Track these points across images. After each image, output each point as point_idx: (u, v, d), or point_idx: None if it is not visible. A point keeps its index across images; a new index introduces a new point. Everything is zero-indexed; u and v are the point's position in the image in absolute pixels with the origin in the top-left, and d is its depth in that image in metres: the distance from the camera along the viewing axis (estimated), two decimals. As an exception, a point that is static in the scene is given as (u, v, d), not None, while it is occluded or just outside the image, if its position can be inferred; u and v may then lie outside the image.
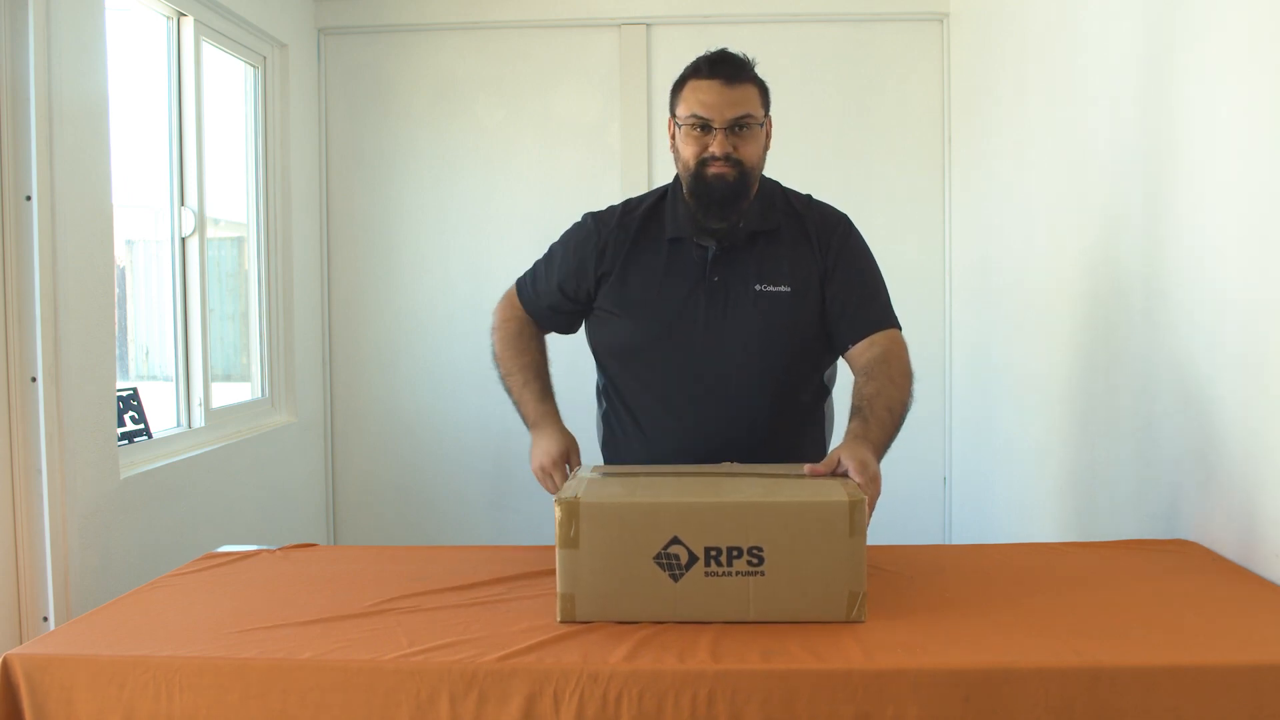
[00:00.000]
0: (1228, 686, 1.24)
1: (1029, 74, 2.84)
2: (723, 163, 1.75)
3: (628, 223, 1.87)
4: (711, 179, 1.76)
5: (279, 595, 1.59)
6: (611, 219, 1.90)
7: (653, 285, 1.83)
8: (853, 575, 1.40)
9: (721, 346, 1.80)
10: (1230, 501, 1.73)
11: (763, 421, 1.81)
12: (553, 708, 1.26)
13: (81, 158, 2.28)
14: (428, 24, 3.79)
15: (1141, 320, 2.09)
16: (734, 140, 1.75)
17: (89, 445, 2.30)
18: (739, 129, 1.75)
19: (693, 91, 1.76)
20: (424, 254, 3.85)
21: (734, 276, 1.81)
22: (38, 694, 1.33)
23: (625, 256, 1.86)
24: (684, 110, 1.77)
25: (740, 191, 1.77)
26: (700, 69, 1.77)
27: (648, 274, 1.84)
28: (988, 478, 3.31)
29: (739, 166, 1.76)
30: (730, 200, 1.76)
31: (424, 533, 3.85)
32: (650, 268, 1.84)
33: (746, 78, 1.77)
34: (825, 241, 1.84)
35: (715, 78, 1.74)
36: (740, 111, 1.74)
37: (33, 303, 2.14)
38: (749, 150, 1.77)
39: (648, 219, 1.88)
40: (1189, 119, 1.89)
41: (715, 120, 1.74)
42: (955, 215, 3.67)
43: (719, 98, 1.74)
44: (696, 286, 1.81)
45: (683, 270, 1.82)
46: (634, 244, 1.86)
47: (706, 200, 1.77)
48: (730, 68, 1.75)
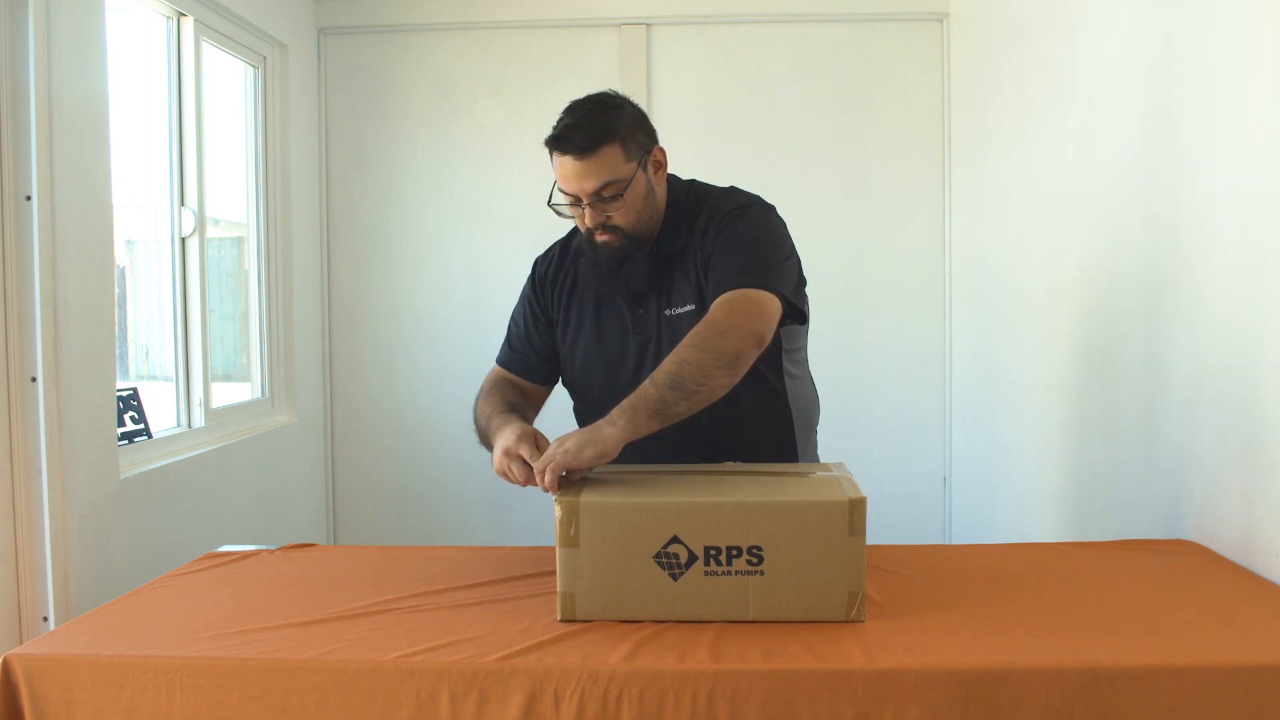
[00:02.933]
0: (1228, 686, 1.24)
1: (1029, 74, 2.84)
2: (602, 231, 1.71)
3: (563, 265, 1.88)
4: (600, 248, 1.73)
5: (279, 595, 1.59)
6: (549, 263, 1.90)
7: (585, 327, 1.84)
8: (852, 575, 1.40)
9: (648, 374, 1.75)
10: (1230, 501, 1.73)
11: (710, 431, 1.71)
12: (553, 708, 1.26)
13: (81, 158, 2.28)
14: (428, 24, 3.79)
15: (1141, 320, 2.09)
16: (603, 209, 1.69)
17: (89, 445, 2.30)
18: (604, 199, 1.68)
19: (555, 164, 1.69)
20: (424, 254, 3.85)
21: (651, 307, 1.79)
22: (38, 694, 1.33)
23: (566, 301, 1.86)
24: (557, 178, 1.71)
25: (628, 253, 1.73)
26: (554, 140, 1.68)
27: (580, 317, 1.84)
28: (988, 478, 3.31)
29: (618, 231, 1.71)
30: (620, 264, 1.73)
31: (424, 533, 3.85)
32: (583, 310, 1.84)
33: (602, 140, 1.66)
34: (706, 236, 1.75)
35: (568, 153, 1.66)
36: (598, 183, 1.67)
37: (33, 303, 2.14)
38: (624, 215, 1.71)
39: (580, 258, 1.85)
40: (1189, 118, 1.89)
41: (581, 195, 1.69)
42: (955, 215, 3.67)
43: (573, 171, 1.67)
44: (623, 324, 1.81)
45: (611, 310, 1.82)
46: (572, 286, 1.86)
47: (601, 270, 1.75)
48: (580, 138, 1.65)
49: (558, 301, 1.87)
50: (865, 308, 3.76)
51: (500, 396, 1.80)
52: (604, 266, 1.74)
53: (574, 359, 1.86)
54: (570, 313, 1.86)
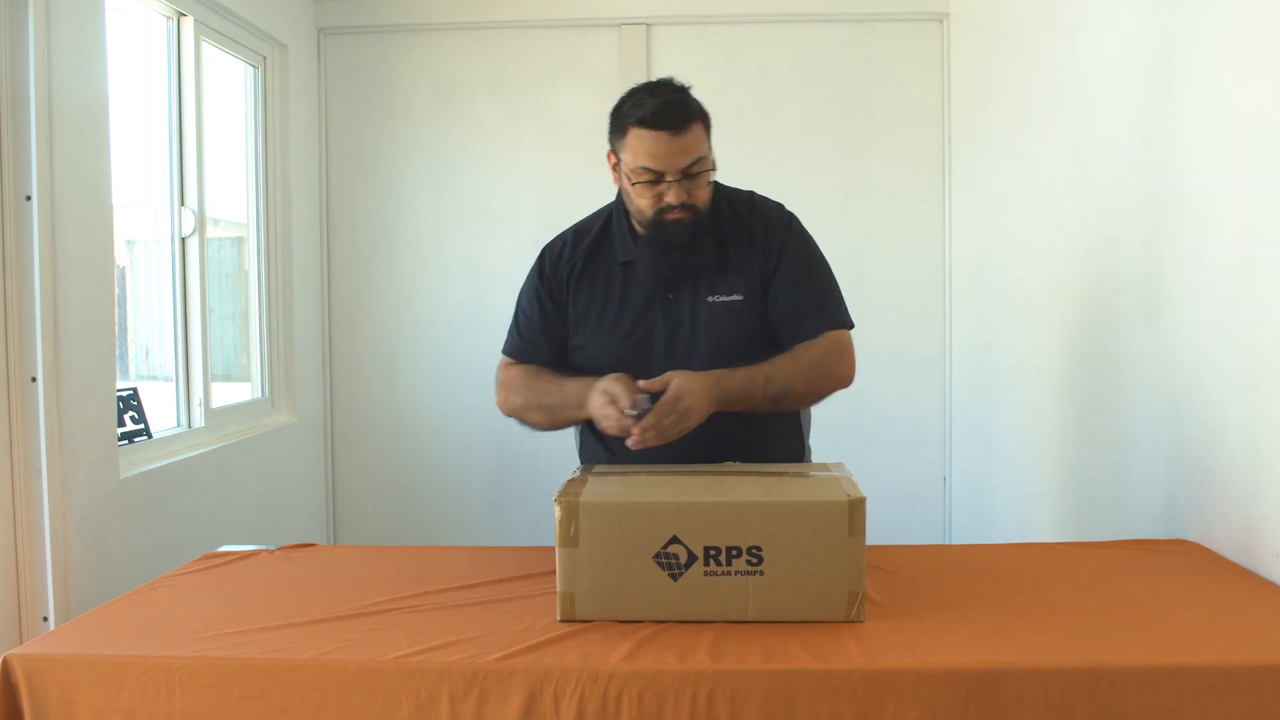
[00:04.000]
0: (1228, 686, 1.24)
1: (1029, 74, 2.84)
2: (679, 209, 1.73)
3: (576, 253, 1.88)
4: (671, 226, 1.75)
5: (279, 595, 1.59)
6: (560, 251, 1.90)
7: (609, 310, 1.84)
8: (852, 575, 1.40)
9: (682, 362, 1.79)
10: (1230, 502, 1.73)
11: (729, 428, 1.74)
12: (553, 708, 1.26)
13: (81, 158, 2.28)
14: (428, 24, 3.79)
15: (1141, 320, 2.09)
16: (688, 186, 1.73)
17: (89, 445, 2.30)
18: (690, 175, 1.73)
19: (638, 141, 1.71)
20: (424, 254, 3.85)
21: (687, 292, 1.81)
22: (38, 694, 1.33)
23: (580, 286, 1.86)
24: (631, 159, 1.73)
25: (697, 232, 1.76)
26: (645, 119, 1.70)
27: (604, 300, 1.85)
28: (988, 478, 3.31)
29: (693, 209, 1.75)
30: (689, 244, 1.76)
31: (424, 533, 3.85)
32: (606, 294, 1.85)
33: (691, 118, 1.72)
34: (768, 243, 1.82)
35: (663, 129, 1.69)
36: (691, 159, 1.71)
37: (33, 303, 2.14)
38: (702, 192, 1.76)
39: (597, 245, 1.87)
40: (1190, 118, 1.89)
41: (668, 173, 1.71)
42: (955, 215, 3.67)
43: (668, 149, 1.70)
44: (651, 306, 1.82)
45: (637, 292, 1.83)
46: (585, 272, 1.86)
47: (667, 248, 1.76)
48: (675, 115, 1.70)
49: (570, 287, 1.87)
50: (865, 308, 3.74)
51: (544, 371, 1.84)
52: (675, 243, 1.75)
53: (586, 344, 1.86)
54: (581, 298, 1.86)
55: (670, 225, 1.75)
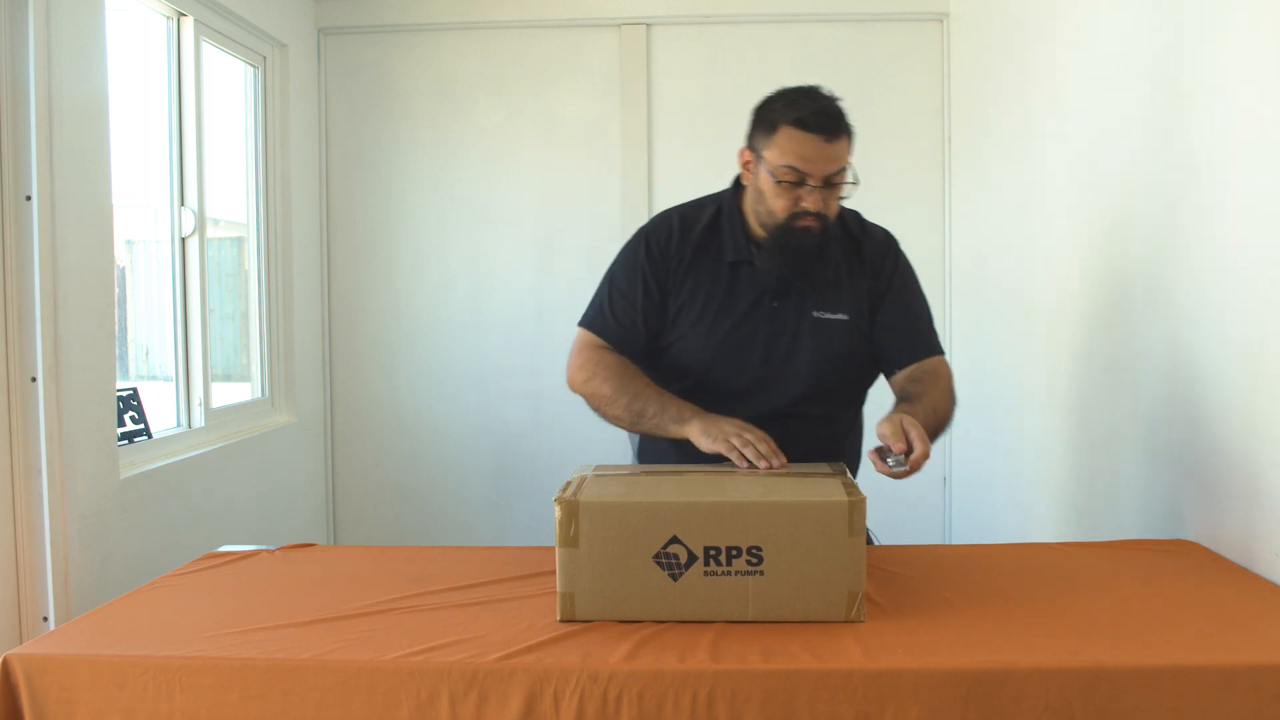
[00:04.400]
0: (1228, 686, 1.24)
1: (1029, 74, 2.84)
2: (812, 217, 1.72)
3: (685, 242, 1.85)
4: (800, 233, 1.73)
5: (279, 595, 1.59)
6: (668, 239, 1.86)
7: (711, 309, 1.82)
8: (852, 575, 1.40)
9: (777, 372, 1.80)
10: (1230, 502, 1.73)
11: (805, 442, 1.75)
12: (553, 708, 1.26)
13: (81, 158, 2.28)
14: (428, 24, 3.79)
15: (1142, 321, 2.09)
16: (826, 195, 1.72)
17: (89, 445, 2.30)
18: (832, 185, 1.72)
19: (789, 140, 1.70)
20: (424, 254, 3.85)
21: (792, 303, 1.81)
22: (38, 694, 1.33)
23: (685, 278, 1.84)
24: (777, 157, 1.71)
25: (824, 244, 1.76)
26: (803, 120, 1.69)
27: (708, 297, 1.82)
28: (988, 478, 3.31)
29: (824, 219, 1.74)
30: (814, 253, 1.75)
31: (424, 533, 3.85)
32: (710, 291, 1.82)
33: (844, 129, 1.72)
34: (878, 267, 1.85)
35: (817, 133, 1.69)
36: (837, 167, 1.71)
37: (33, 303, 2.14)
38: (836, 205, 1.76)
39: (705, 239, 1.85)
40: (1191, 118, 1.89)
41: (812, 177, 1.70)
42: (955, 215, 3.67)
43: (819, 153, 1.69)
44: (755, 311, 1.81)
45: (742, 294, 1.81)
46: (693, 265, 1.84)
47: (793, 254, 1.75)
48: (831, 121, 1.70)
49: (676, 278, 1.84)
50: (865, 308, 3.75)
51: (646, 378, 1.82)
52: (802, 251, 1.74)
53: (683, 339, 1.84)
54: (685, 291, 1.84)
55: (799, 232, 1.73)
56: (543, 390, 3.77)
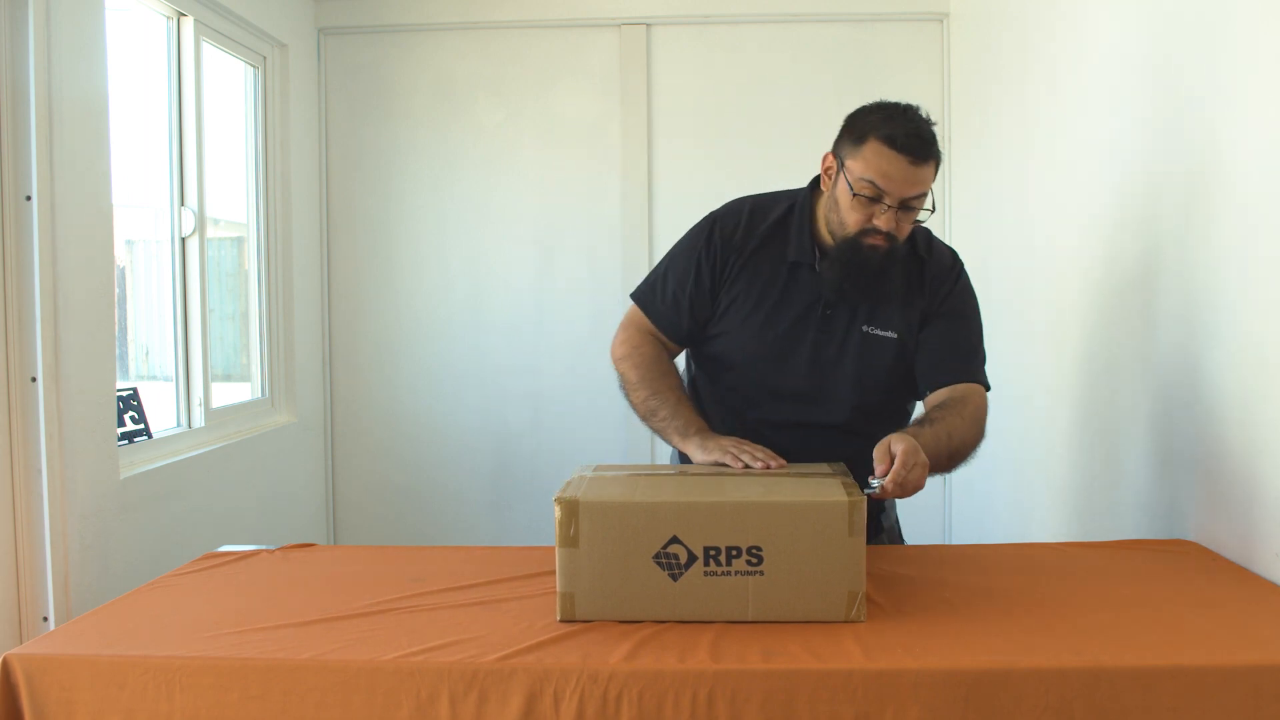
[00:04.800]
0: (1228, 686, 1.24)
1: (1029, 74, 2.84)
2: (881, 237, 1.70)
3: (751, 235, 1.84)
4: (867, 250, 1.71)
5: (279, 595, 1.59)
6: (735, 228, 1.85)
7: (764, 306, 1.81)
8: (852, 575, 1.40)
9: (819, 380, 1.79)
10: (1230, 501, 1.73)
11: (839, 456, 1.75)
12: (553, 708, 1.26)
13: (81, 158, 2.28)
14: (428, 24, 3.79)
15: (1141, 321, 2.09)
16: (899, 217, 1.70)
17: (89, 445, 2.30)
18: (908, 207, 1.71)
19: (875, 155, 1.67)
20: (424, 254, 3.85)
21: (845, 313, 1.79)
22: (38, 694, 1.33)
23: (743, 271, 1.83)
24: (860, 170, 1.69)
25: (889, 265, 1.73)
26: (894, 137, 1.67)
27: (762, 294, 1.81)
28: (988, 478, 3.31)
29: (893, 240, 1.72)
30: (878, 274, 1.73)
31: (424, 533, 3.86)
32: (765, 288, 1.81)
33: (934, 154, 1.71)
34: (936, 288, 1.81)
35: (905, 154, 1.66)
36: (919, 191, 1.70)
37: (33, 303, 2.14)
38: (908, 228, 1.74)
39: (771, 235, 1.83)
40: (1190, 118, 1.89)
41: (890, 197, 1.68)
42: (955, 215, 3.67)
43: (903, 174, 1.67)
44: (807, 316, 1.80)
45: (797, 297, 1.80)
46: (753, 258, 1.83)
47: (855, 270, 1.72)
48: (922, 144, 1.68)
49: (733, 269, 1.83)
50: (865, 308, 3.75)
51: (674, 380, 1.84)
52: (865, 268, 1.71)
53: (730, 333, 1.83)
54: (740, 284, 1.83)
55: (866, 249, 1.71)
56: (543, 390, 3.77)
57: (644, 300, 1.91)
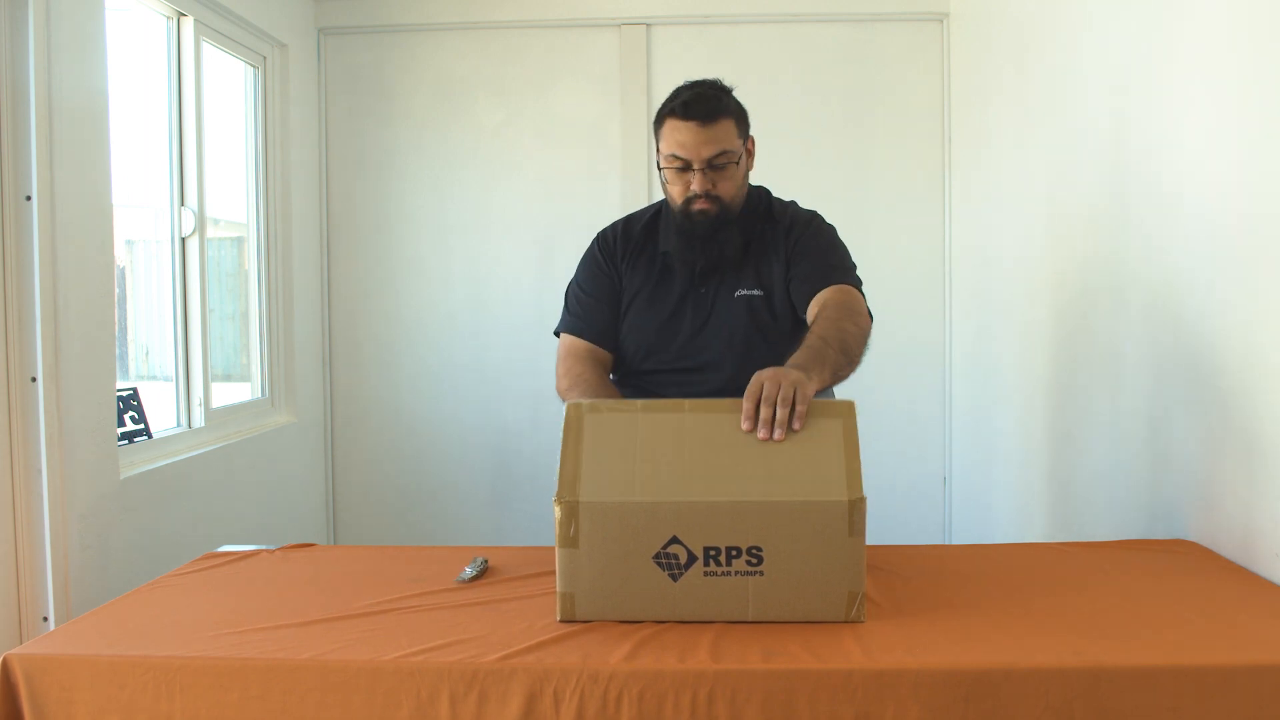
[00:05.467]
0: (1228, 686, 1.24)
1: (1029, 74, 2.84)
2: (704, 200, 1.82)
3: (628, 238, 1.98)
4: (695, 215, 1.83)
5: (279, 595, 1.59)
6: (614, 235, 2.00)
7: (644, 296, 1.94)
8: (852, 575, 1.40)
9: (706, 350, 1.89)
10: (1230, 502, 1.73)
11: None
12: (553, 708, 1.27)
13: (81, 158, 2.28)
14: (428, 24, 3.79)
15: (1141, 321, 2.09)
16: (713, 177, 1.82)
17: (89, 445, 2.30)
18: (716, 167, 1.81)
19: (671, 131, 1.81)
20: (424, 254, 3.85)
21: (719, 285, 1.90)
22: (38, 694, 1.33)
23: (631, 273, 1.96)
24: (664, 148, 1.83)
25: (721, 224, 1.84)
26: (675, 109, 1.80)
27: (642, 286, 1.94)
28: (988, 478, 3.31)
29: (718, 201, 1.83)
30: (712, 234, 1.84)
31: (424, 533, 3.85)
32: (646, 281, 1.94)
33: (721, 113, 1.80)
34: (790, 233, 1.91)
35: (690, 119, 1.78)
36: (716, 150, 1.80)
37: (33, 303, 2.14)
38: (727, 185, 1.84)
39: (645, 235, 1.97)
40: (1189, 118, 1.89)
41: (693, 161, 1.80)
42: (955, 215, 3.67)
43: (695, 138, 1.79)
44: (685, 298, 1.91)
45: (675, 283, 1.92)
46: (636, 260, 1.96)
47: (691, 236, 1.85)
48: (704, 106, 1.79)
49: (627, 264, 1.97)
50: (865, 308, 3.75)
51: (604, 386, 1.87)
52: (699, 234, 1.84)
53: (631, 325, 1.95)
54: (631, 285, 1.95)
55: (695, 215, 1.83)
56: (543, 390, 3.75)
57: (567, 324, 2.01)
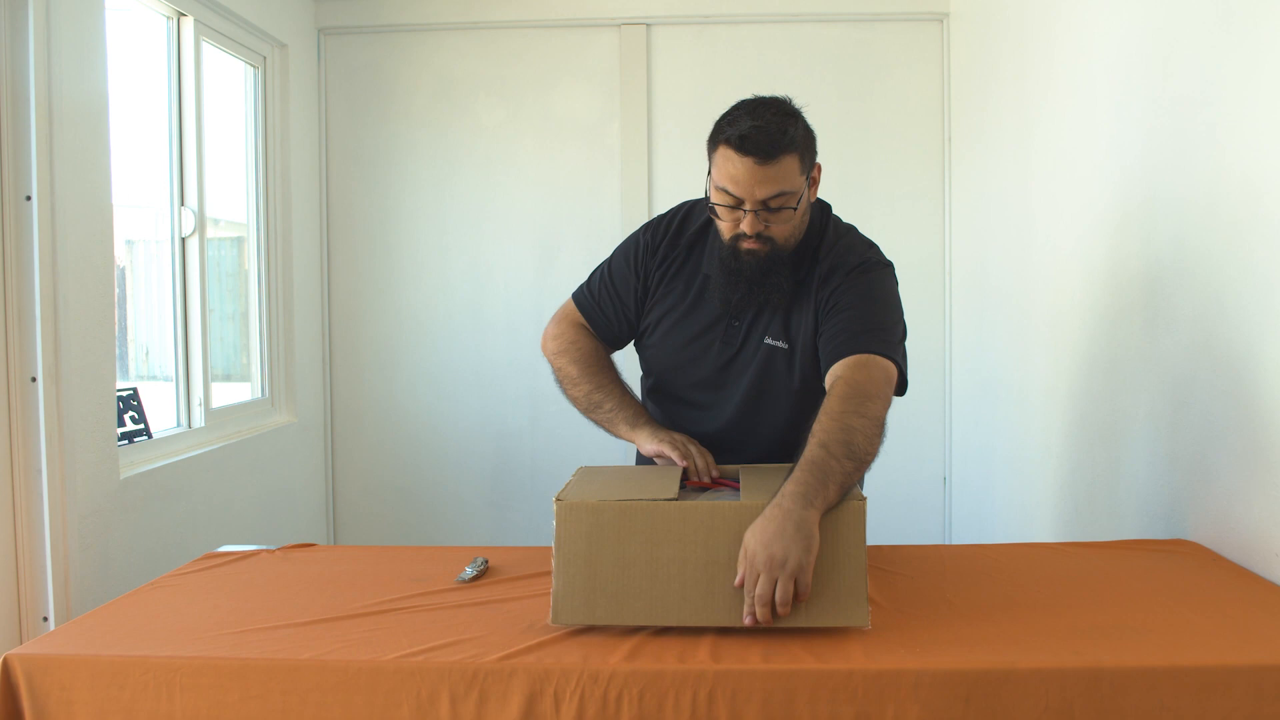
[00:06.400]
0: (1228, 686, 1.24)
1: (1029, 74, 2.84)
2: (754, 240, 1.65)
3: (676, 246, 1.82)
4: (744, 255, 1.67)
5: (279, 595, 1.59)
6: (663, 236, 1.83)
7: (678, 314, 1.81)
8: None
9: (725, 389, 1.80)
10: (1230, 501, 1.73)
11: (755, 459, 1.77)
12: (553, 708, 1.26)
13: (81, 158, 2.28)
14: (428, 24, 3.79)
15: (1141, 320, 2.09)
16: (766, 218, 1.63)
17: (89, 445, 2.30)
18: (771, 209, 1.63)
19: (724, 160, 1.61)
20: (424, 254, 3.85)
21: (751, 325, 1.76)
22: (38, 694, 1.33)
23: (668, 279, 1.82)
24: (716, 177, 1.64)
25: (771, 268, 1.67)
26: (732, 140, 1.59)
27: (678, 302, 1.81)
28: (988, 478, 3.31)
29: (771, 243, 1.66)
30: (760, 279, 1.68)
31: (424, 533, 3.86)
32: (682, 297, 1.81)
33: (785, 149, 1.59)
34: (826, 287, 1.71)
35: (749, 155, 1.57)
36: (773, 191, 1.60)
37: (33, 303, 2.14)
38: (782, 228, 1.65)
39: (693, 246, 1.81)
40: (1190, 118, 1.89)
41: (746, 201, 1.61)
42: (955, 215, 3.67)
43: (750, 176, 1.59)
44: (715, 326, 1.78)
45: (709, 307, 1.78)
46: (679, 267, 1.82)
47: (736, 276, 1.69)
48: (765, 144, 1.57)
49: (662, 273, 1.82)
50: (865, 308, 3.75)
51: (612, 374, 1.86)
52: (745, 275, 1.67)
53: (655, 332, 1.85)
54: (665, 288, 1.82)
55: (744, 255, 1.67)
56: (542, 390, 3.77)
57: (582, 303, 1.91)
